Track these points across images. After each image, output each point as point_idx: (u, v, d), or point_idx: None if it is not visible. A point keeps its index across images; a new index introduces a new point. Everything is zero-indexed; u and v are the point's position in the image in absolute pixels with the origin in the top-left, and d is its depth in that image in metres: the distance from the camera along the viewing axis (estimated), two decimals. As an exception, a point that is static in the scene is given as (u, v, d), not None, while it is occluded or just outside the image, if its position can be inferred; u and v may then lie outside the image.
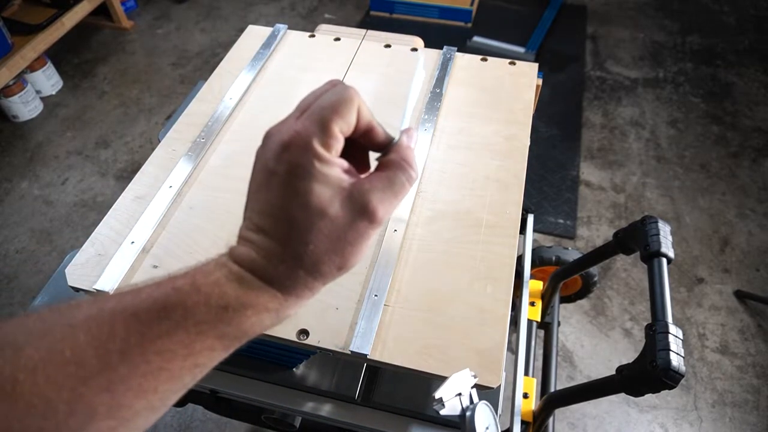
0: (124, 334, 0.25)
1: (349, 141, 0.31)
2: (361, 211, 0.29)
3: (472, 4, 2.49)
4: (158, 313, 0.26)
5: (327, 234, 0.28)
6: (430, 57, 0.91)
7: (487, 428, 0.47)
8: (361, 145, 0.33)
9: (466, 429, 0.46)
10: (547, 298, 1.18)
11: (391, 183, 0.30)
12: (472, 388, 0.48)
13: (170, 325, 0.26)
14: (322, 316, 0.59)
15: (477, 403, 0.47)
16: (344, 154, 0.30)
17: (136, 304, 0.26)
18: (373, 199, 0.29)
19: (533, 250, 1.25)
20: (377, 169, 0.32)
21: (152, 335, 0.26)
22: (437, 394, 0.45)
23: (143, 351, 0.25)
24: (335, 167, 0.29)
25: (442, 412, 0.45)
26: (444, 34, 2.50)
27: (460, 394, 0.46)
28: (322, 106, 0.29)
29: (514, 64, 0.89)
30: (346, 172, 0.30)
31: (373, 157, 0.34)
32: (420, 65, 0.38)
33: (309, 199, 0.28)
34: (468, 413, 0.46)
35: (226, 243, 0.31)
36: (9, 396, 0.23)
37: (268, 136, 0.30)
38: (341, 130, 0.29)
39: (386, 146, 0.33)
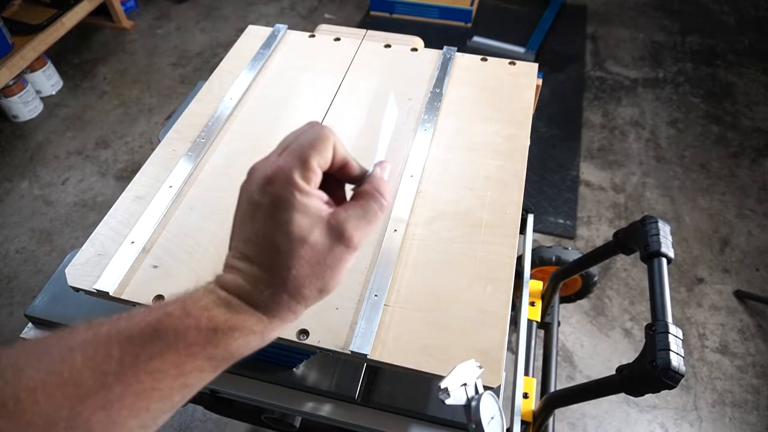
0: (118, 356, 0.27)
1: (327, 175, 0.34)
2: (338, 238, 0.31)
3: (472, 4, 2.49)
4: (151, 335, 0.28)
5: (308, 260, 0.31)
6: (430, 57, 0.91)
7: (492, 418, 0.47)
8: (338, 178, 0.35)
9: (472, 419, 0.46)
10: (547, 298, 1.18)
11: (364, 211, 0.33)
12: (477, 378, 0.48)
13: (162, 347, 0.28)
14: (322, 316, 0.59)
15: (482, 393, 0.47)
16: (323, 187, 0.33)
17: (129, 327, 0.28)
18: (348, 226, 0.32)
19: (533, 250, 1.25)
20: (352, 198, 0.34)
21: (145, 356, 0.27)
22: (443, 384, 0.45)
23: (137, 371, 0.27)
24: (314, 198, 0.31)
25: (448, 401, 0.45)
26: (444, 34, 2.50)
27: (465, 385, 0.46)
28: (302, 144, 0.31)
29: (514, 64, 0.89)
30: (325, 203, 0.32)
31: (350, 188, 0.36)
32: (391, 102, 0.40)
33: (291, 228, 0.30)
34: (473, 403, 0.46)
35: (226, 243, 0.31)
36: (11, 414, 0.24)
37: (252, 171, 0.32)
38: (319, 164, 0.32)
39: (361, 178, 0.35)
